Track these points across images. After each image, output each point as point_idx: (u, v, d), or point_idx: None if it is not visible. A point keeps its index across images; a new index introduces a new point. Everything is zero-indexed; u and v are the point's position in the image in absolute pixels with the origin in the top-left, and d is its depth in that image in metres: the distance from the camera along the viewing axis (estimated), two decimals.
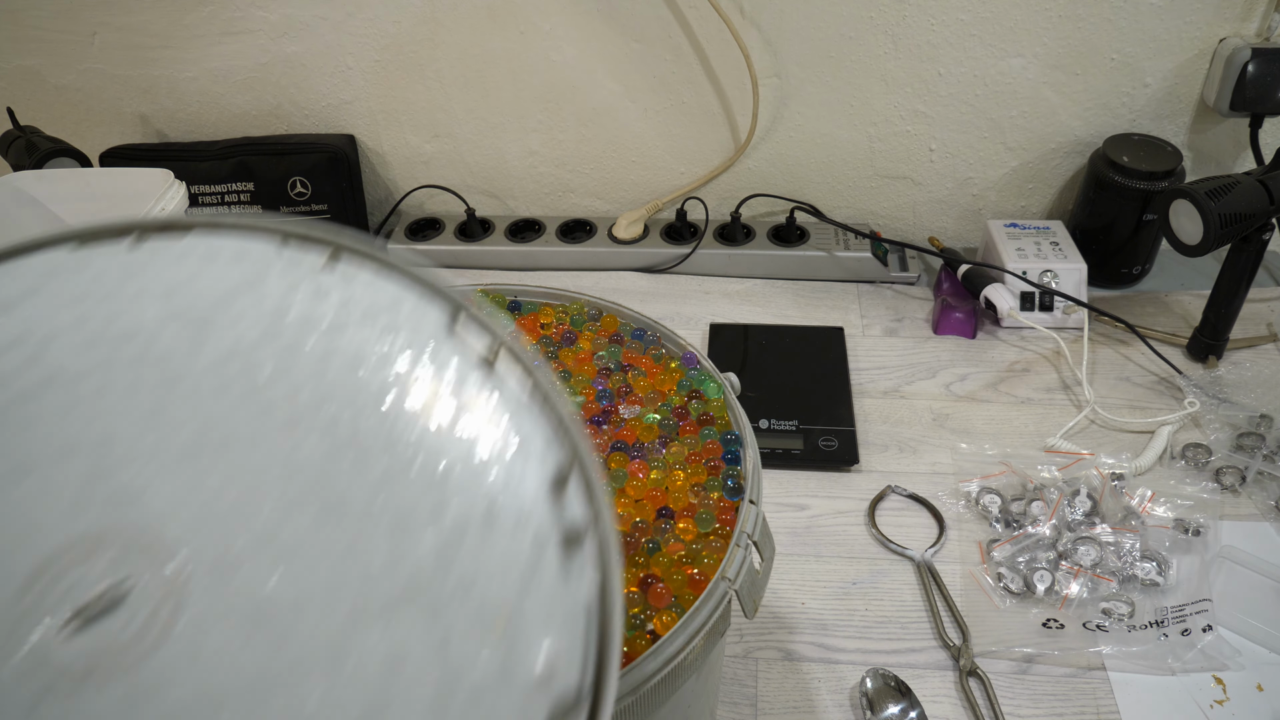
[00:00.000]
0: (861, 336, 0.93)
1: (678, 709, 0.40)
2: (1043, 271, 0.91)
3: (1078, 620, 0.64)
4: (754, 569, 0.37)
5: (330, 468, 0.26)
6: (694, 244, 1.01)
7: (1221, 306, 0.83)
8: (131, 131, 1.11)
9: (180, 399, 0.28)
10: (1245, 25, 0.90)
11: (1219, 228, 0.75)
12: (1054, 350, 0.89)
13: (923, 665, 0.63)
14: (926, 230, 1.08)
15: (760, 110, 1.00)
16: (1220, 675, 0.61)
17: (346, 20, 1.00)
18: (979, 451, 0.78)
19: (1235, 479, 0.74)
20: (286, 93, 1.06)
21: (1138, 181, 0.90)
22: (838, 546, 0.72)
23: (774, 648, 0.65)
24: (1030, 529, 0.70)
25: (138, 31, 1.02)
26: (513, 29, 0.98)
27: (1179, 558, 0.67)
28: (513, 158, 1.08)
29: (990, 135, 0.99)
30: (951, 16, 0.92)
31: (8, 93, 1.09)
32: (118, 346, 0.29)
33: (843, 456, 0.77)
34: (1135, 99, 0.95)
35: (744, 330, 0.92)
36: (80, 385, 0.28)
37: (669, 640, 0.33)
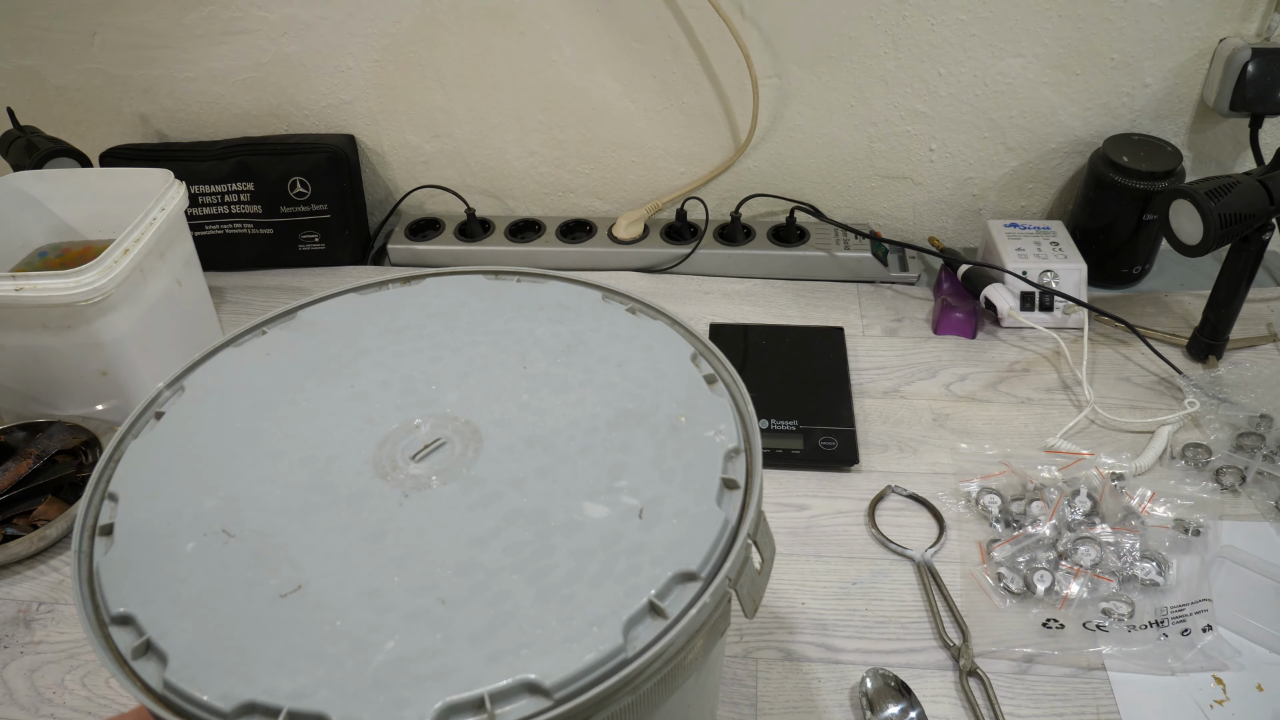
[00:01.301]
0: (861, 336, 0.93)
1: (677, 709, 0.41)
2: (1043, 271, 0.91)
3: (1078, 620, 0.64)
4: (754, 569, 0.39)
5: (561, 372, 0.46)
6: (694, 244, 1.01)
7: (1221, 306, 0.83)
8: (131, 131, 1.11)
9: (460, 346, 0.48)
10: (1245, 25, 0.90)
11: (1219, 228, 0.75)
12: (1054, 350, 0.89)
13: (923, 665, 0.63)
14: (926, 230, 1.08)
15: (760, 110, 1.00)
16: (1220, 675, 0.61)
17: (346, 20, 1.00)
18: (979, 451, 0.78)
19: (1235, 479, 0.74)
20: (286, 93, 1.06)
21: (1138, 181, 0.90)
22: (838, 546, 0.72)
23: (774, 648, 0.65)
24: (1030, 529, 0.70)
25: (138, 31, 1.02)
26: (513, 29, 0.98)
27: (1179, 558, 0.67)
28: (513, 158, 1.08)
29: (990, 135, 0.99)
30: (951, 16, 0.92)
31: (8, 93, 1.09)
32: (443, 328, 0.50)
33: (843, 456, 0.77)
34: (1135, 99, 0.95)
35: (744, 330, 0.92)
36: (394, 351, 0.49)
37: (670, 640, 0.34)
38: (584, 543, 0.37)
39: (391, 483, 0.41)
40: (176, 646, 0.34)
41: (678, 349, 0.47)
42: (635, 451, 0.41)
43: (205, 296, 0.92)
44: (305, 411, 0.45)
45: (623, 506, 0.39)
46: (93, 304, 0.74)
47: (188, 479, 0.41)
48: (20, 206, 0.89)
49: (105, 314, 0.75)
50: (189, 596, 0.36)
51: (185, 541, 0.38)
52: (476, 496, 0.40)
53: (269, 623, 0.35)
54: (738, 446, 0.42)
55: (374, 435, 0.43)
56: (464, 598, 0.36)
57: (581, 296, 0.51)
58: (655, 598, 0.35)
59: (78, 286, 0.72)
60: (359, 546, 0.38)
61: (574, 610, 0.35)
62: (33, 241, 0.90)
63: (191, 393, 0.46)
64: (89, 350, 0.77)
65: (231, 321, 1.00)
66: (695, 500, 0.39)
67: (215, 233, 1.05)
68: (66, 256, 0.89)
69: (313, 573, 0.37)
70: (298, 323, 0.50)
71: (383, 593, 0.36)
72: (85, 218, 0.91)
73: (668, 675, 0.35)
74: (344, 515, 0.39)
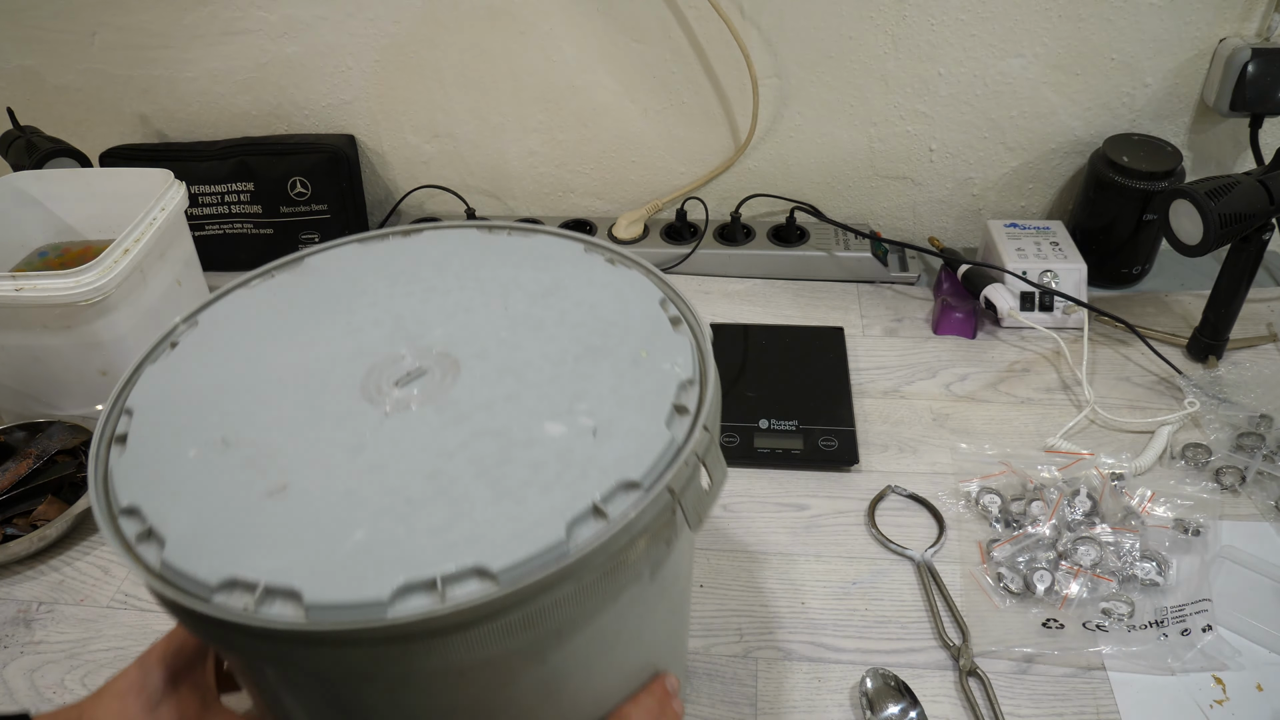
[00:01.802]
0: (861, 336, 0.93)
1: (629, 618, 0.45)
2: (1043, 271, 0.91)
3: (1077, 620, 0.64)
4: (701, 487, 0.43)
5: (539, 313, 0.50)
6: (694, 244, 1.01)
7: (1221, 306, 0.83)
8: (131, 131, 1.11)
9: (449, 290, 0.53)
10: (1245, 25, 0.90)
11: (1219, 228, 0.75)
12: (1054, 350, 0.89)
13: (923, 665, 0.63)
14: (926, 230, 1.08)
15: (760, 110, 1.00)
16: (1220, 675, 0.61)
17: (346, 20, 1.00)
18: (979, 451, 0.78)
19: (1235, 479, 0.74)
20: (286, 93, 1.06)
21: (1138, 181, 0.90)
22: (838, 546, 0.72)
23: (774, 648, 0.65)
24: (1030, 529, 0.70)
25: (138, 31, 1.02)
26: (513, 29, 0.98)
27: (1179, 558, 0.67)
28: (513, 158, 1.08)
29: (990, 135, 0.99)
30: (951, 16, 0.92)
31: (8, 93, 1.09)
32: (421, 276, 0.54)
33: (843, 456, 0.77)
34: (1135, 99, 0.95)
35: (744, 330, 0.92)
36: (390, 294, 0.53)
37: (610, 539, 0.38)
38: (540, 456, 0.41)
39: (375, 404, 0.45)
40: (174, 533, 0.40)
41: (649, 295, 0.51)
42: (597, 381, 0.45)
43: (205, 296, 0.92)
44: (303, 343, 0.50)
45: (579, 426, 0.43)
46: (93, 304, 0.74)
47: (195, 398, 0.47)
48: (20, 206, 0.89)
49: (105, 314, 0.75)
50: (188, 492, 0.41)
51: (188, 448, 0.44)
52: (449, 417, 0.44)
53: (255, 515, 0.40)
54: (692, 378, 0.45)
55: (363, 365, 0.47)
56: (428, 499, 0.40)
57: (566, 247, 0.55)
58: (599, 501, 0.39)
59: (78, 286, 0.72)
60: (340, 456, 0.42)
61: (524, 511, 0.39)
62: (33, 241, 0.90)
63: (203, 326, 0.52)
64: (89, 350, 0.77)
65: None
66: (646, 422, 0.43)
67: (215, 233, 1.05)
68: (66, 256, 0.89)
69: (297, 476, 0.41)
70: (303, 268, 0.56)
71: (357, 493, 0.40)
72: (85, 218, 0.91)
73: (610, 572, 0.39)
74: (330, 430, 0.44)
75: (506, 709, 0.44)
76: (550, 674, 0.43)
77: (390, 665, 0.38)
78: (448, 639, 0.37)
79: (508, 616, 0.37)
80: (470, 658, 0.38)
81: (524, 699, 0.44)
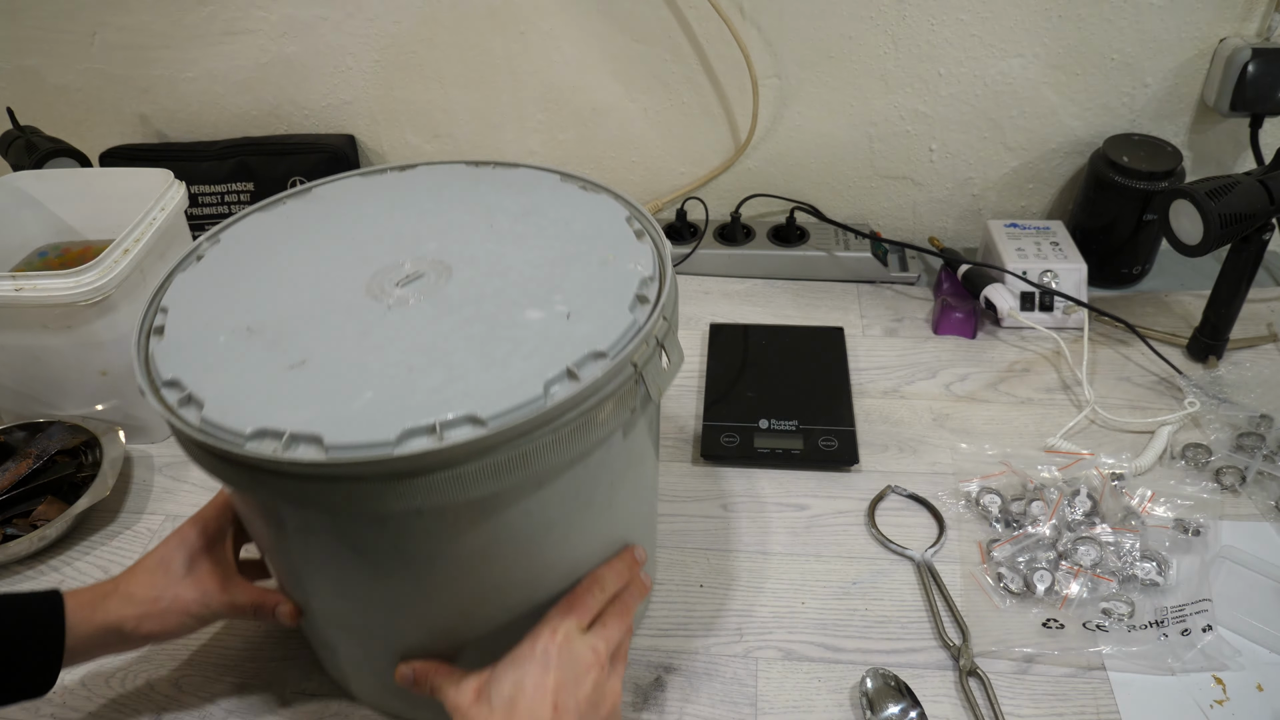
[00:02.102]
0: (861, 336, 0.93)
1: (599, 482, 0.52)
2: (1043, 271, 0.91)
3: (1078, 620, 0.64)
4: (660, 365, 0.50)
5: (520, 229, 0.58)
6: (694, 244, 1.01)
7: (1221, 306, 0.83)
8: (131, 131, 1.11)
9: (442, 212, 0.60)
10: (1245, 25, 0.90)
11: (1219, 228, 0.75)
12: (1054, 350, 0.89)
13: (923, 665, 0.63)
14: (926, 230, 1.08)
15: (760, 110, 1.00)
16: (1220, 675, 0.61)
17: (346, 20, 1.00)
18: (979, 451, 0.78)
19: (1235, 479, 0.74)
20: (286, 93, 1.06)
21: (1138, 181, 0.90)
22: (838, 546, 0.72)
23: (774, 648, 0.65)
24: (1030, 529, 0.70)
25: (138, 31, 1.02)
26: (513, 29, 0.98)
27: (1179, 558, 0.67)
28: (513, 158, 1.08)
29: (990, 135, 0.99)
30: (951, 16, 0.92)
31: (8, 93, 1.09)
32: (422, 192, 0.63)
33: (843, 456, 0.77)
34: (1135, 99, 0.95)
35: (744, 330, 0.92)
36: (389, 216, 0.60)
37: (579, 394, 0.45)
38: (522, 335, 0.49)
39: (379, 300, 0.52)
40: (210, 397, 0.46)
41: (616, 213, 0.58)
42: (571, 279, 0.53)
43: None
44: (314, 254, 0.57)
45: (555, 312, 0.50)
46: (93, 304, 0.74)
47: (221, 298, 0.54)
48: (20, 206, 0.89)
49: (105, 314, 0.75)
50: (220, 367, 0.48)
51: (218, 335, 0.51)
52: (444, 309, 0.51)
53: (279, 383, 0.47)
54: (652, 275, 0.53)
55: (368, 270, 0.55)
56: (427, 367, 0.47)
57: (544, 178, 0.64)
58: (572, 366, 0.46)
59: (78, 286, 0.72)
60: (351, 338, 0.49)
61: (509, 374, 0.46)
62: (33, 241, 0.90)
63: (225, 243, 0.59)
64: (89, 350, 0.77)
65: None
66: (612, 308, 0.50)
67: None
68: (66, 256, 0.89)
69: (314, 354, 0.49)
70: (312, 196, 0.63)
71: (366, 365, 0.47)
72: (85, 218, 0.91)
73: (582, 427, 0.46)
74: (340, 320, 0.51)
75: (496, 556, 0.50)
76: (533, 526, 0.50)
77: (395, 502, 0.44)
78: (445, 476, 0.43)
79: (495, 457, 0.44)
80: (464, 496, 0.44)
81: (510, 548, 0.50)
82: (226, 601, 0.58)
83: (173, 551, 0.58)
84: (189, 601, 0.57)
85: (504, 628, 0.53)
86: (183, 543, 0.58)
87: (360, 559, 0.51)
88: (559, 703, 0.49)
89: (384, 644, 0.56)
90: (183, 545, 0.58)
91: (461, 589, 0.52)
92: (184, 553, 0.57)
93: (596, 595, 0.54)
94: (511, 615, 0.54)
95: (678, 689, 0.62)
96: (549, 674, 0.50)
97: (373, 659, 0.58)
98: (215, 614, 0.58)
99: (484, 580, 0.52)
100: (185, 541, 0.58)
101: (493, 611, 0.54)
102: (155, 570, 0.57)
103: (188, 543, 0.58)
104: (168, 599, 0.56)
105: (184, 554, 0.57)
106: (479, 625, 0.54)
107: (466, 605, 0.53)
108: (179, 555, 0.57)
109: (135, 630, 0.56)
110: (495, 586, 0.53)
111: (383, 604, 0.53)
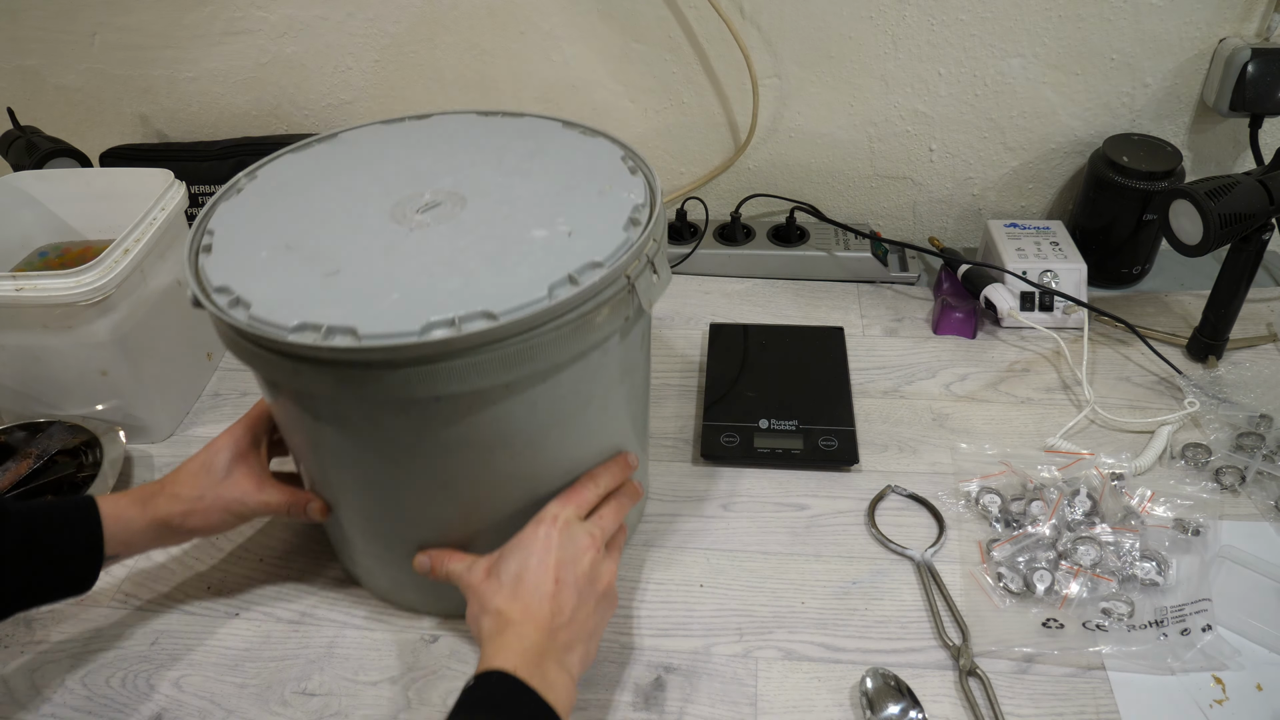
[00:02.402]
0: (861, 336, 0.93)
1: (596, 383, 0.59)
2: (1043, 271, 0.91)
3: (1077, 620, 0.64)
4: (651, 280, 0.57)
5: (527, 165, 0.65)
6: (694, 244, 1.01)
7: (1221, 306, 0.83)
8: (131, 131, 1.11)
9: (456, 153, 0.67)
10: (1245, 25, 0.90)
11: (1219, 228, 0.75)
12: (1054, 350, 0.89)
13: (923, 665, 0.63)
14: (926, 230, 1.08)
15: (760, 110, 1.00)
16: (1220, 675, 0.61)
17: (346, 20, 1.00)
18: (979, 451, 0.78)
19: (1235, 479, 0.74)
20: (286, 93, 1.06)
21: (1138, 181, 0.90)
22: (838, 546, 0.72)
23: (774, 648, 0.65)
24: (1030, 529, 0.70)
25: (138, 31, 1.02)
26: (513, 29, 0.98)
27: (1179, 558, 0.67)
28: None
29: (990, 135, 0.99)
30: (951, 16, 0.92)
31: (8, 93, 1.09)
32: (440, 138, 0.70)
33: (843, 456, 0.77)
34: (1135, 99, 0.95)
35: (744, 330, 0.92)
36: (408, 156, 0.68)
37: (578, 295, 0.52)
38: (529, 249, 0.56)
39: (402, 224, 0.59)
40: (256, 299, 0.53)
41: (613, 154, 0.66)
42: (572, 205, 0.60)
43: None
44: (343, 187, 0.64)
45: (558, 231, 0.57)
46: (93, 304, 0.74)
47: (261, 222, 0.61)
48: (20, 206, 0.89)
49: (105, 314, 0.75)
50: (264, 276, 0.55)
51: (260, 251, 0.58)
52: (460, 230, 0.58)
53: (317, 288, 0.54)
54: (644, 203, 0.60)
55: (391, 200, 0.62)
56: (445, 274, 0.54)
57: (548, 125, 0.71)
58: (573, 273, 0.53)
59: (78, 286, 0.72)
60: (378, 254, 0.56)
61: (517, 279, 0.53)
62: (33, 241, 0.90)
63: (261, 178, 0.66)
64: (89, 350, 0.77)
65: None
66: (608, 228, 0.57)
67: None
68: (66, 256, 0.89)
69: (346, 265, 0.56)
70: (337, 140, 0.71)
71: (392, 274, 0.54)
72: (85, 218, 0.91)
73: (581, 327, 0.53)
74: (368, 240, 0.58)
75: (505, 447, 0.57)
76: (538, 419, 0.57)
77: (419, 388, 0.51)
78: (462, 364, 0.50)
79: (505, 349, 0.51)
80: (479, 384, 0.51)
81: (517, 439, 0.57)
82: (262, 501, 0.64)
83: (214, 455, 0.64)
84: (229, 500, 0.64)
85: (510, 518, 0.60)
86: (223, 448, 0.64)
87: (386, 448, 0.57)
88: (560, 577, 0.56)
89: (402, 536, 0.63)
90: (223, 450, 0.64)
91: (474, 478, 0.59)
92: (225, 456, 0.64)
93: (591, 490, 0.61)
94: (517, 506, 0.60)
95: (678, 689, 0.62)
96: (550, 553, 0.56)
97: (393, 550, 0.64)
98: (253, 511, 0.65)
99: (494, 470, 0.58)
100: (225, 446, 0.64)
101: (500, 502, 0.61)
102: (199, 473, 0.64)
103: (228, 448, 0.64)
104: (210, 498, 0.63)
105: (225, 457, 0.64)
106: (488, 515, 0.61)
107: (478, 495, 0.60)
108: (220, 459, 0.64)
109: (181, 525, 0.63)
110: (504, 476, 0.59)
111: (403, 495, 0.60)
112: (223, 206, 0.63)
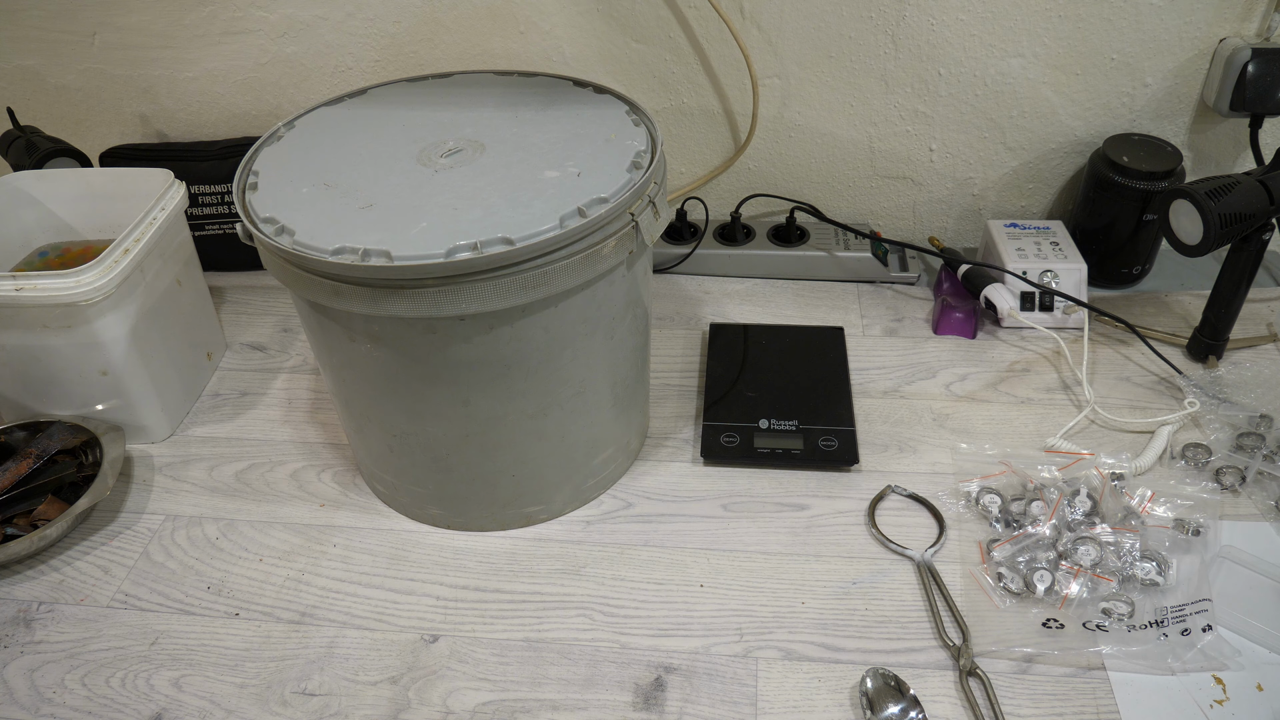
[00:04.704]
0: (861, 336, 0.93)
1: (602, 313, 0.66)
2: (1043, 271, 0.91)
3: (1078, 620, 0.64)
4: (651, 218, 0.64)
5: (540, 118, 0.73)
6: (694, 244, 1.01)
7: (1221, 306, 0.83)
8: (131, 131, 1.11)
9: (475, 107, 0.75)
10: (1245, 25, 0.90)
11: (1219, 228, 0.75)
12: (1054, 350, 0.89)
13: (923, 665, 0.63)
14: (926, 230, 1.08)
15: (760, 110, 1.00)
16: (1220, 675, 0.61)
17: (346, 20, 1.00)
18: (979, 451, 0.78)
19: (1235, 479, 0.74)
20: (286, 93, 1.06)
21: (1138, 181, 0.90)
22: (838, 546, 0.72)
23: (774, 648, 0.65)
24: (1030, 529, 0.70)
25: (138, 31, 1.02)
26: (513, 29, 0.98)
27: (1179, 558, 0.67)
28: None
29: (990, 135, 0.99)
30: (951, 16, 0.92)
31: (8, 93, 1.09)
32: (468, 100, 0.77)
33: (843, 456, 0.77)
34: (1135, 99, 0.95)
35: (744, 330, 0.92)
36: (432, 109, 0.76)
37: (585, 226, 0.59)
38: (542, 187, 0.63)
39: (428, 166, 0.67)
40: (300, 227, 0.61)
41: (619, 108, 0.73)
42: (581, 151, 0.67)
43: (205, 296, 0.92)
44: (373, 136, 0.72)
45: (568, 172, 0.64)
46: (93, 304, 0.74)
47: (301, 164, 0.69)
48: (20, 206, 0.89)
49: (105, 314, 0.75)
50: (305, 208, 0.63)
51: (301, 188, 0.66)
52: (480, 171, 0.66)
53: (352, 217, 0.61)
54: (646, 149, 0.68)
55: (417, 146, 0.69)
56: (468, 208, 0.61)
57: (560, 84, 0.78)
58: (581, 206, 0.60)
59: (78, 286, 0.72)
60: (407, 190, 0.64)
61: (532, 211, 0.60)
62: (33, 241, 0.90)
63: (299, 128, 0.74)
64: (89, 350, 0.77)
65: (231, 321, 1.00)
66: (613, 170, 0.64)
67: (215, 233, 1.05)
68: (66, 256, 0.89)
69: (379, 200, 0.63)
70: (367, 96, 0.78)
71: (420, 207, 0.62)
72: (85, 218, 0.91)
73: (589, 257, 0.60)
74: (397, 179, 0.66)
75: (521, 364, 0.64)
76: (551, 341, 0.64)
77: (446, 306, 0.58)
78: (483, 286, 0.57)
79: (522, 272, 0.58)
80: (498, 304, 0.58)
81: (533, 358, 0.64)
82: None
83: None
84: None
85: (523, 433, 0.68)
86: None
87: (414, 366, 0.63)
88: None
89: (426, 449, 0.69)
90: None
91: (490, 394, 0.65)
92: None
93: None
94: (530, 420, 0.68)
95: (678, 689, 0.62)
96: None
97: (416, 463, 0.71)
98: None
99: (510, 387, 0.65)
100: None
101: (515, 417, 0.67)
102: None
103: None
104: None
105: None
106: (502, 430, 0.68)
107: (494, 410, 0.66)
108: None
109: None
110: (518, 393, 0.66)
111: (427, 410, 0.66)
112: (265, 151, 0.71)
